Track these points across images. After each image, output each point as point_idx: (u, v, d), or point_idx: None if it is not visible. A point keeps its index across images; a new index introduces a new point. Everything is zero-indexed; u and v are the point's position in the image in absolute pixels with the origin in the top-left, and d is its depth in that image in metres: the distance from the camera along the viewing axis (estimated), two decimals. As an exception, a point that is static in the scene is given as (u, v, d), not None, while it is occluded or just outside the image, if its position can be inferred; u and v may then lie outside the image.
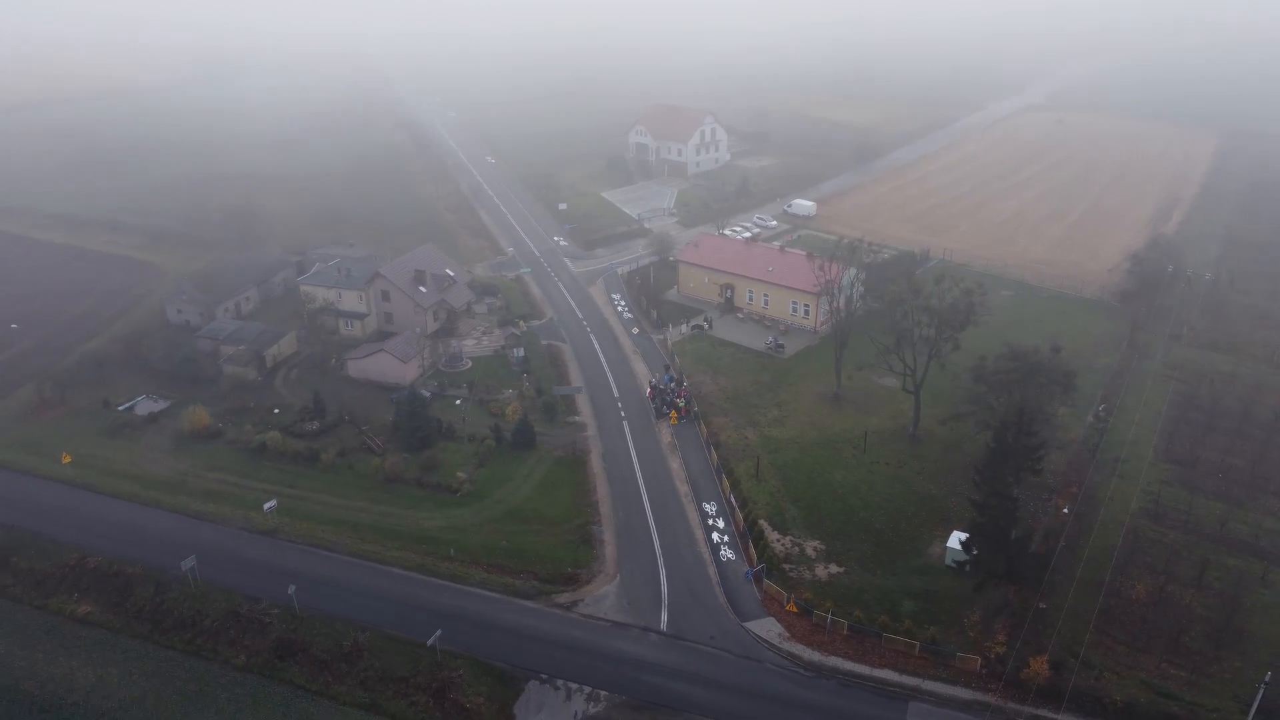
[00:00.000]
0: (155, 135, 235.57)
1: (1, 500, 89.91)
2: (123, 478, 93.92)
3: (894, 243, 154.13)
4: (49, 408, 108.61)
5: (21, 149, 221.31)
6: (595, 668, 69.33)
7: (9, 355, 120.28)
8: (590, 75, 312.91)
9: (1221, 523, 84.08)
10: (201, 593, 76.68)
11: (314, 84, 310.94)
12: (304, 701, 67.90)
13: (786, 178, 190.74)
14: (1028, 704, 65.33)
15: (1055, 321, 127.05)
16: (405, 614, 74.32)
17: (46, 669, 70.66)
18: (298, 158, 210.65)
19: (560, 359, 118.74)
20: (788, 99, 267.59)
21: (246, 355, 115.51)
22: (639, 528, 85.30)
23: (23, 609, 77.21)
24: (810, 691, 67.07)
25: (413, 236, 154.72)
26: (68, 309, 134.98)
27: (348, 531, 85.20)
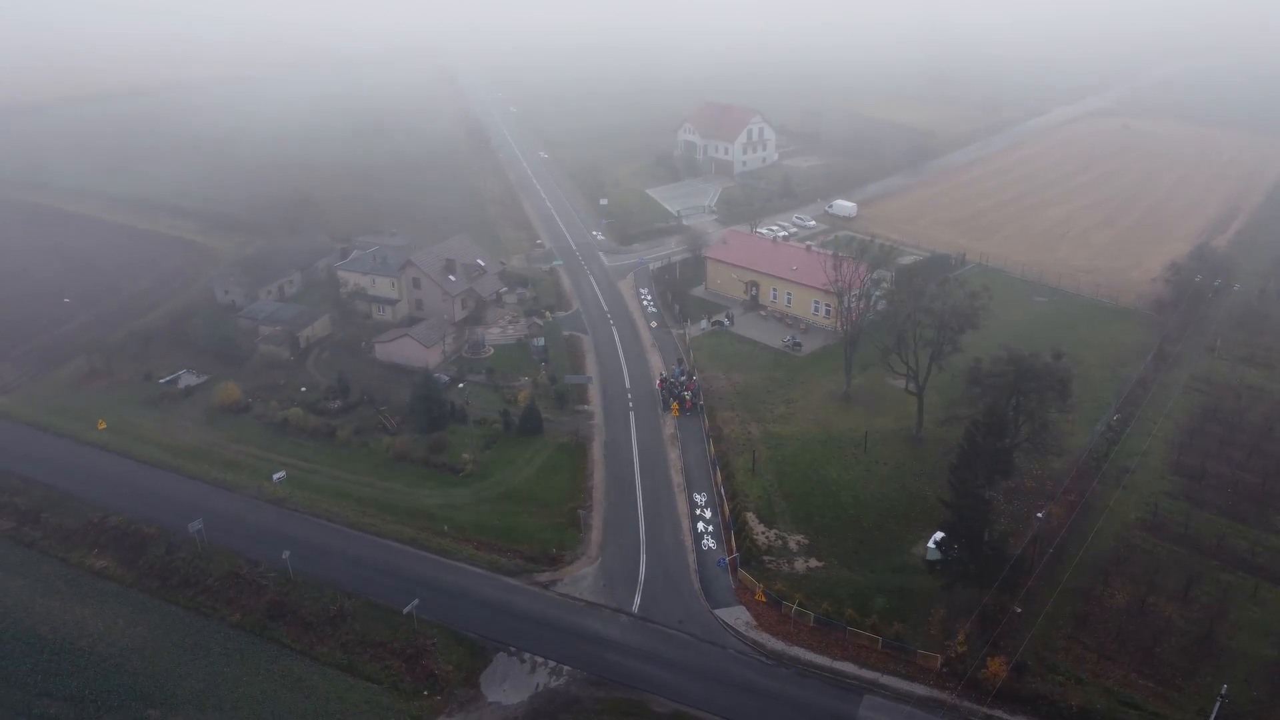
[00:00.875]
0: (233, 125, 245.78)
1: (40, 460, 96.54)
2: (152, 445, 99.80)
3: (933, 246, 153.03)
4: (97, 378, 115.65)
5: (104, 136, 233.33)
6: (563, 644, 71.71)
7: (67, 329, 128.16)
8: (650, 74, 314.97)
9: (1219, 537, 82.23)
10: (207, 553, 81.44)
11: (389, 79, 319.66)
12: (288, 659, 71.83)
13: (832, 178, 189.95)
14: (984, 704, 65.43)
15: (1086, 329, 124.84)
16: (391, 583, 77.73)
17: (61, 615, 76.06)
18: (363, 149, 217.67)
19: (579, 349, 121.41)
20: (847, 100, 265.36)
21: (281, 335, 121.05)
22: (627, 514, 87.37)
23: (48, 560, 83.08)
24: (768, 679, 68.27)
25: (457, 227, 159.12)
26: (126, 286, 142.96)
27: (351, 504, 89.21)
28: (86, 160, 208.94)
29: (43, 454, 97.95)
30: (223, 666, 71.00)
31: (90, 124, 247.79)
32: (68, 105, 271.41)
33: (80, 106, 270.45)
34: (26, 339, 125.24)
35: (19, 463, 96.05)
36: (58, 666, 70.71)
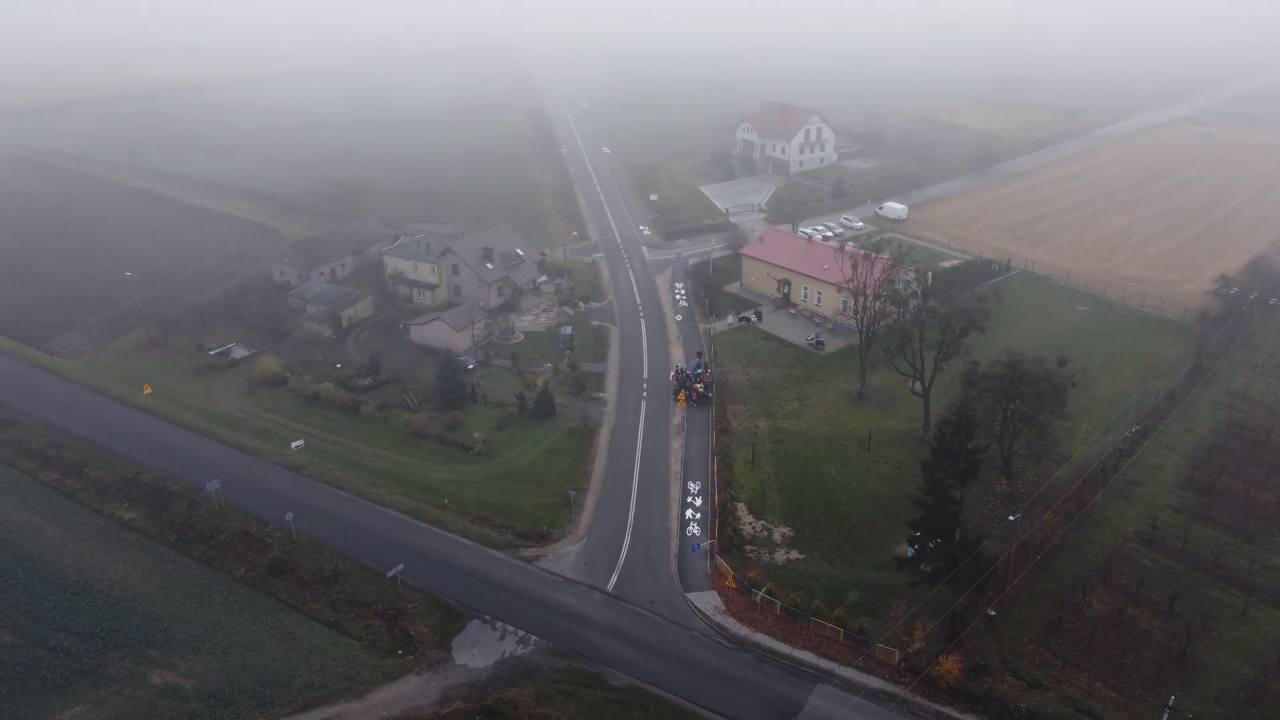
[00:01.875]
0: (314, 116, 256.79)
1: (90, 419, 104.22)
2: (192, 411, 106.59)
3: (979, 251, 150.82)
4: (155, 347, 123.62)
5: (195, 125, 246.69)
6: (535, 616, 74.61)
7: (135, 301, 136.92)
8: (722, 74, 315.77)
9: (1217, 554, 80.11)
10: (222, 512, 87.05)
11: (467, 75, 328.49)
12: (282, 613, 76.56)
13: (889, 180, 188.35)
14: (935, 701, 65.75)
15: (1123, 340, 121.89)
16: (385, 549, 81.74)
17: (87, 560, 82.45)
18: (430, 142, 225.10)
19: (605, 339, 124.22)
20: (916, 103, 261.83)
21: (324, 314, 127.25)
22: (620, 498, 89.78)
23: (84, 510, 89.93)
24: (727, 662, 69.86)
25: (509, 217, 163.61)
26: (195, 264, 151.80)
27: (363, 475, 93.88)
28: (177, 147, 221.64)
29: (93, 414, 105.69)
30: (222, 616, 76.08)
31: (183, 113, 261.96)
32: (165, 96, 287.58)
33: (175, 97, 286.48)
34: (98, 309, 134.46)
35: (72, 420, 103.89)
36: (77, 605, 76.84)
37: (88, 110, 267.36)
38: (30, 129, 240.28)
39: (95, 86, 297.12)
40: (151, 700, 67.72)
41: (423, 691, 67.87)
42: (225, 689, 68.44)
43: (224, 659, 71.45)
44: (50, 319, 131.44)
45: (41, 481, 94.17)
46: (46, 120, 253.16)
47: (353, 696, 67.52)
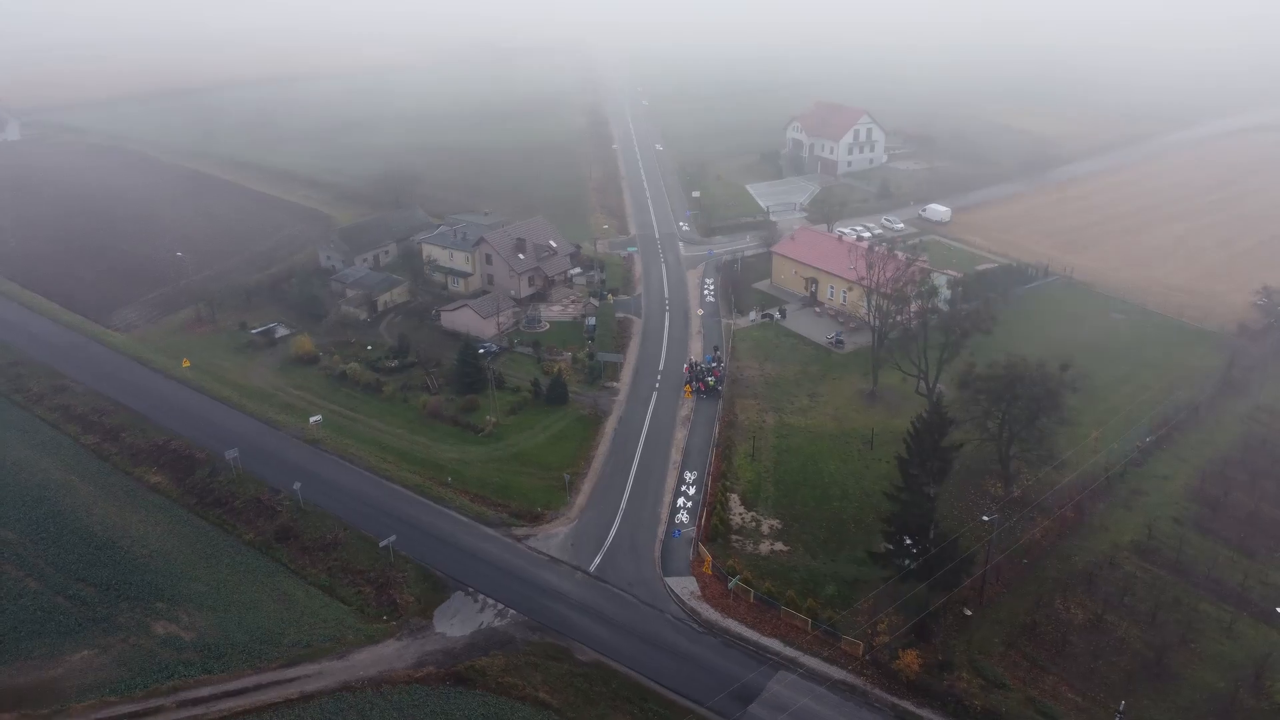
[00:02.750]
0: (381, 109, 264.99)
1: (132, 388, 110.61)
2: (226, 384, 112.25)
3: (1021, 256, 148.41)
4: (202, 324, 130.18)
5: (265, 115, 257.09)
6: (516, 591, 77.22)
7: (190, 281, 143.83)
8: (786, 74, 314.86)
9: (1210, 567, 78.44)
10: (239, 479, 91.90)
11: (532, 71, 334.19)
12: (282, 576, 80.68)
13: (937, 182, 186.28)
14: (894, 694, 66.28)
15: (1154, 349, 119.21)
16: (385, 522, 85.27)
17: (114, 519, 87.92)
18: (487, 135, 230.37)
19: (628, 331, 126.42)
20: (977, 106, 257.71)
21: (360, 299, 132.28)
22: (617, 484, 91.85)
23: (116, 473, 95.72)
24: (693, 645, 71.42)
25: (552, 210, 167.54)
26: (249, 247, 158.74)
27: (375, 450, 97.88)
28: (249, 136, 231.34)
29: (136, 383, 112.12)
30: (227, 575, 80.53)
31: (259, 105, 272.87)
32: (243, 88, 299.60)
33: (254, 90, 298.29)
34: (154, 287, 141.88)
35: (115, 388, 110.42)
36: (98, 558, 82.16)
37: (167, 101, 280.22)
38: (114, 118, 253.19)
39: (175, 79, 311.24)
40: (153, 649, 72.31)
41: (400, 655, 71.07)
42: (220, 642, 72.68)
43: (223, 615, 75.78)
44: (111, 295, 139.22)
45: (82, 444, 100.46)
46: (129, 110, 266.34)
47: (335, 656, 71.08)
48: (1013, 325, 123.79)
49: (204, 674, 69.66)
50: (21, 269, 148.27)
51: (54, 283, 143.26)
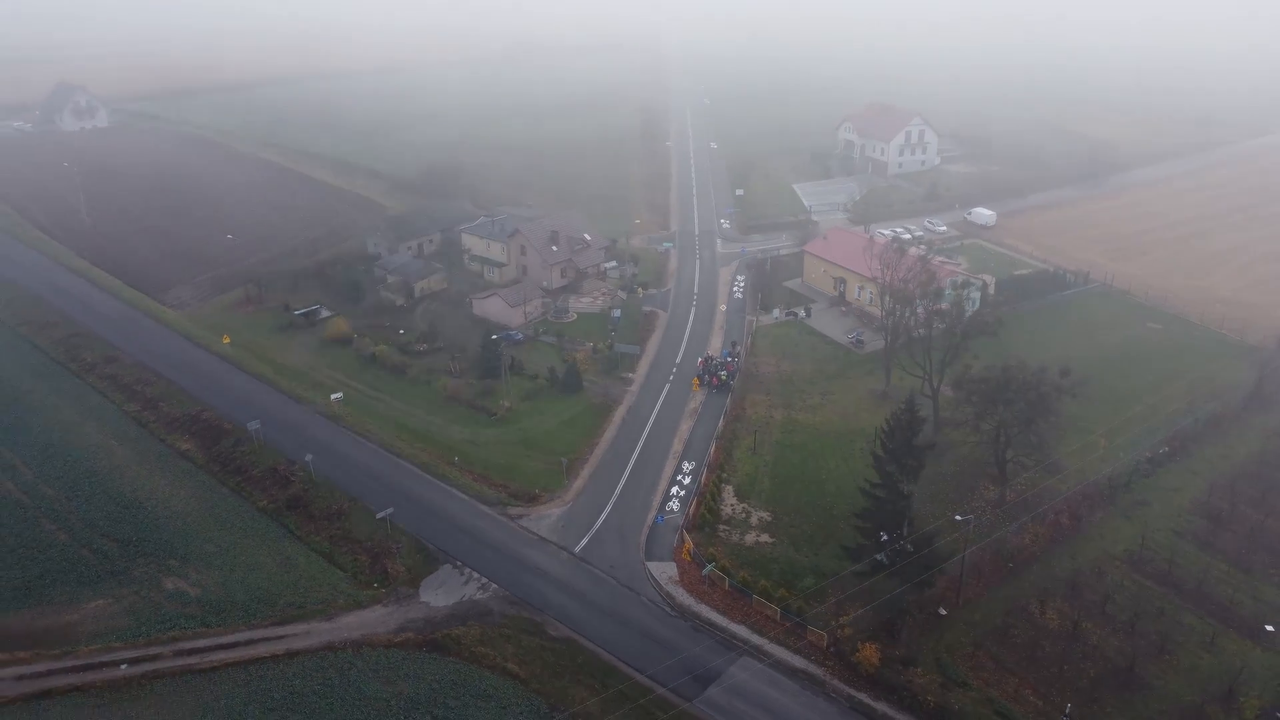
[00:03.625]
0: (446, 103, 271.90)
1: (175, 361, 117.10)
2: (263, 361, 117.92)
3: (1064, 262, 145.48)
4: (249, 305, 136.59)
5: (335, 107, 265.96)
6: (501, 567, 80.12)
7: (244, 264, 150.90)
8: (846, 73, 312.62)
9: (1200, 580, 76.90)
10: (259, 450, 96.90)
11: (599, 68, 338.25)
12: (288, 542, 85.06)
13: (988, 185, 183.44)
14: (851, 685, 67.07)
15: (1187, 360, 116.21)
16: (389, 495, 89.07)
17: (144, 482, 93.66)
18: (549, 130, 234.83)
19: (652, 324, 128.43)
20: (1043, 109, 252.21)
21: (398, 285, 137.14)
22: (615, 470, 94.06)
23: (152, 439, 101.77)
24: (663, 627, 73.25)
25: (596, 205, 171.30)
26: (304, 233, 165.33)
27: (390, 428, 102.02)
28: (314, 127, 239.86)
29: (179, 357, 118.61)
30: (238, 539, 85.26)
31: (326, 98, 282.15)
32: (311, 80, 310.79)
33: (320, 82, 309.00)
34: (210, 268, 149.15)
35: (160, 361, 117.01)
36: (124, 517, 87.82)
37: (244, 93, 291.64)
38: (195, 109, 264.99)
39: (252, 72, 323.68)
40: (160, 602, 77.34)
41: (384, 621, 74.62)
42: (221, 599, 77.32)
43: (229, 574, 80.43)
44: (170, 274, 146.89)
45: (125, 411, 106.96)
46: (209, 101, 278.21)
47: (324, 618, 74.99)
48: (1042, 331, 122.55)
49: (202, 627, 74.36)
50: (92, 247, 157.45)
51: (120, 261, 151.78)
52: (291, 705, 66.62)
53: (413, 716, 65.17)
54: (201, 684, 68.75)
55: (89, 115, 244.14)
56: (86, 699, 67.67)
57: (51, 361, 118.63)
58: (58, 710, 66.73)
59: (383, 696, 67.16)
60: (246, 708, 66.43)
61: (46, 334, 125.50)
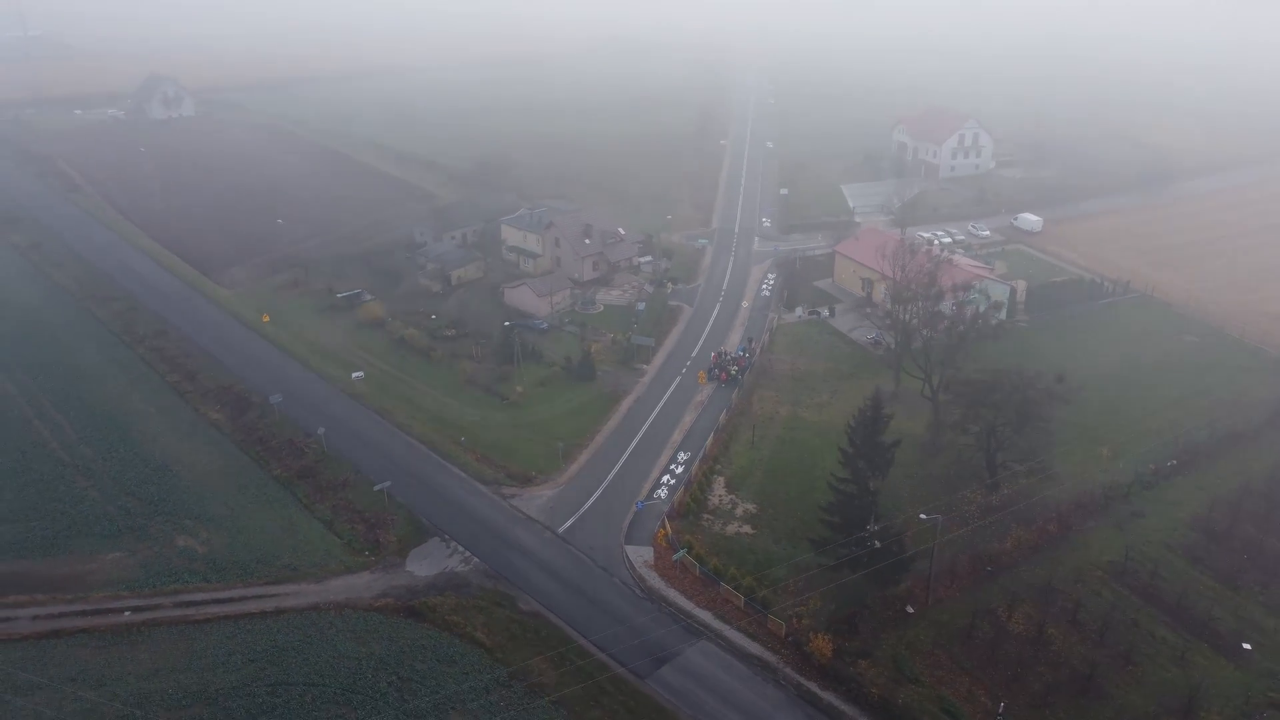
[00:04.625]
0: (521, 97, 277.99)
1: (217, 337, 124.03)
2: (299, 340, 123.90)
3: (1107, 271, 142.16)
4: (296, 287, 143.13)
5: (415, 100, 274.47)
6: (485, 541, 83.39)
7: (297, 248, 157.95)
8: (915, 72, 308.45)
9: (1181, 595, 75.45)
10: (281, 422, 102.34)
11: (665, 67, 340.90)
12: (294, 509, 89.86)
13: (1040, 191, 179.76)
14: (802, 674, 68.19)
15: (1217, 374, 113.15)
16: (392, 470, 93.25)
17: (173, 447, 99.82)
18: (601, 127, 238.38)
19: (675, 318, 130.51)
20: (1103, 114, 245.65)
21: (435, 272, 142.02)
22: (612, 457, 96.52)
23: (187, 408, 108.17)
24: (628, 607, 75.41)
25: (643, 200, 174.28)
26: (358, 219, 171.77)
27: (406, 408, 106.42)
28: (383, 119, 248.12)
29: (221, 333, 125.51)
30: (249, 503, 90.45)
31: (398, 91, 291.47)
32: (384, 76, 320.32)
33: (405, 76, 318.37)
34: (265, 251, 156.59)
35: (204, 335, 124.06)
36: (150, 478, 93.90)
37: (321, 86, 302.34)
38: (276, 100, 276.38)
39: (330, 65, 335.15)
40: (170, 557, 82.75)
41: (368, 586, 78.57)
42: (224, 558, 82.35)
43: (236, 536, 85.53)
44: (227, 256, 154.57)
45: (166, 381, 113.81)
46: (289, 92, 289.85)
47: (314, 580, 79.34)
48: (1070, 339, 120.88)
49: (203, 582, 79.45)
50: (160, 227, 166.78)
51: (184, 241, 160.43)
52: (271, 658, 70.92)
53: (379, 675, 68.77)
54: (194, 633, 73.63)
55: (176, 104, 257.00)
56: (90, 640, 73.12)
57: (108, 333, 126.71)
58: (64, 648, 72.29)
59: (355, 655, 70.98)
60: (231, 657, 70.99)
61: (107, 307, 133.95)
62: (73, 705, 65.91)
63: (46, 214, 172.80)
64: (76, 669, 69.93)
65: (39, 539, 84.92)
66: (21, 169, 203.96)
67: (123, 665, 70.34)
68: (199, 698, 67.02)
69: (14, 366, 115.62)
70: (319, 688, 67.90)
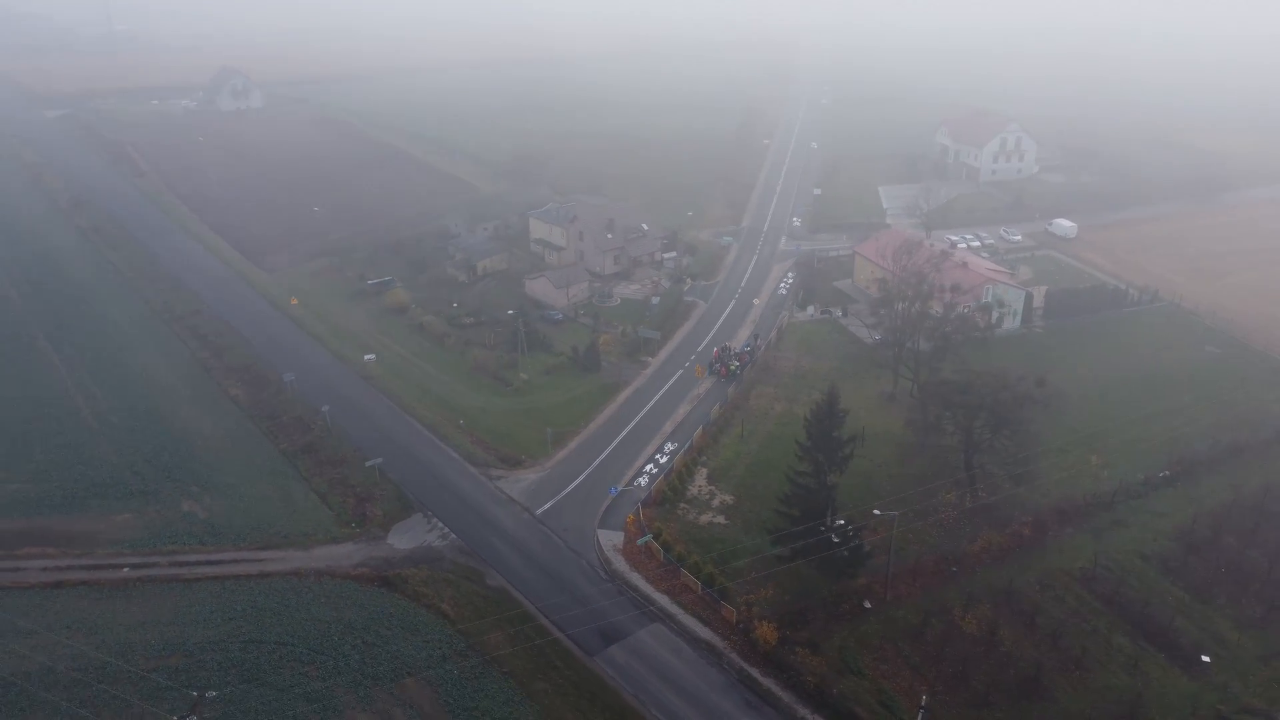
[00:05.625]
0: (574, 94, 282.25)
1: (248, 317, 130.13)
2: (324, 323, 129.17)
3: (1139, 279, 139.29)
4: (331, 273, 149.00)
5: (473, 94, 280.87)
6: (465, 519, 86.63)
7: (337, 236, 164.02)
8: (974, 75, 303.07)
9: (1144, 604, 74.66)
10: (291, 399, 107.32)
11: (729, 66, 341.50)
12: (293, 481, 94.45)
13: (1082, 197, 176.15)
14: (747, 660, 69.69)
15: (1234, 387, 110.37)
16: (388, 448, 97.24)
17: (194, 420, 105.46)
18: (650, 124, 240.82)
19: (688, 313, 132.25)
20: (1154, 120, 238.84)
21: (462, 263, 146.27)
22: (601, 445, 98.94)
23: (211, 383, 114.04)
24: (590, 586, 77.79)
25: (676, 197, 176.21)
26: (401, 210, 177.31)
27: (412, 391, 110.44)
28: (437, 114, 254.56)
29: (252, 314, 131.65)
30: (254, 474, 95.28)
31: (456, 85, 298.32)
32: (442, 72, 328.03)
33: (453, 74, 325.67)
34: (308, 239, 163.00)
35: (236, 316, 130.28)
36: (168, 447, 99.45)
37: (384, 80, 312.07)
38: (336, 92, 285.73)
39: (393, 60, 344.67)
40: (174, 520, 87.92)
41: (349, 556, 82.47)
42: (223, 524, 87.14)
43: (237, 504, 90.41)
44: (271, 242, 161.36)
45: (196, 357, 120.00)
46: (351, 86, 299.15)
47: (300, 548, 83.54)
48: (1084, 347, 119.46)
49: (198, 544, 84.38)
50: (214, 213, 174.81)
51: (233, 226, 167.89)
52: (249, 617, 75.16)
53: (345, 638, 72.42)
54: (184, 591, 78.37)
55: (244, 96, 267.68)
56: (90, 592, 78.41)
57: (150, 310, 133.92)
58: (65, 599, 77.71)
59: (327, 619, 74.78)
60: (213, 615, 75.47)
61: (154, 286, 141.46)
62: (64, 651, 70.99)
63: (111, 198, 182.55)
64: (74, 618, 75.18)
65: (59, 497, 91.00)
66: (96, 155, 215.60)
67: (115, 616, 75.40)
68: (177, 649, 71.53)
69: (62, 341, 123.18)
70: (288, 647, 71.88)
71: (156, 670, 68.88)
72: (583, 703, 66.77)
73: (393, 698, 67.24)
